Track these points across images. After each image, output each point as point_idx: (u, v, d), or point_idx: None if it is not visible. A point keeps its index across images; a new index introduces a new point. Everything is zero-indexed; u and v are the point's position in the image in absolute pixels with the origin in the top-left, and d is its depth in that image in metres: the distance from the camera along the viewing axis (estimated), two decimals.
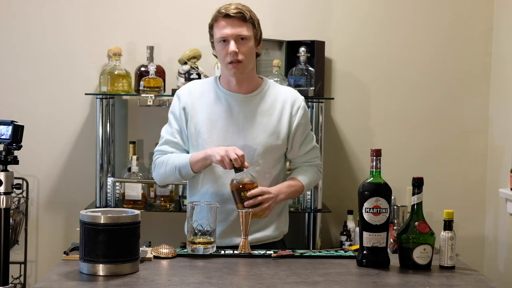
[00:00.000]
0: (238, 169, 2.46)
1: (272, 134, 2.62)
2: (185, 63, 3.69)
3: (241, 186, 2.48)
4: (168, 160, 2.63)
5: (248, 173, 2.51)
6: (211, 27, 2.64)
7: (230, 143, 2.57)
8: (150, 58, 3.67)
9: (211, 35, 2.65)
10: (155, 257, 2.35)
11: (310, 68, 3.68)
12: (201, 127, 2.62)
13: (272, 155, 2.64)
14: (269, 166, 2.64)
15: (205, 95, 2.66)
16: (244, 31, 2.57)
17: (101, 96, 3.65)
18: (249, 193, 2.48)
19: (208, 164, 2.56)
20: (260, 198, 2.49)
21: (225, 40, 2.57)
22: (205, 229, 2.37)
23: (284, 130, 2.63)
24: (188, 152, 2.67)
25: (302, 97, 2.73)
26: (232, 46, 2.54)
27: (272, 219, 2.66)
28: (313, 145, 2.73)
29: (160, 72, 3.69)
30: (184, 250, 2.41)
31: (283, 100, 2.66)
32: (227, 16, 2.56)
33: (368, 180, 2.29)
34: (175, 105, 2.69)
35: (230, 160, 2.45)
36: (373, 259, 2.27)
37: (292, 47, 3.79)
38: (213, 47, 2.66)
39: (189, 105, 2.65)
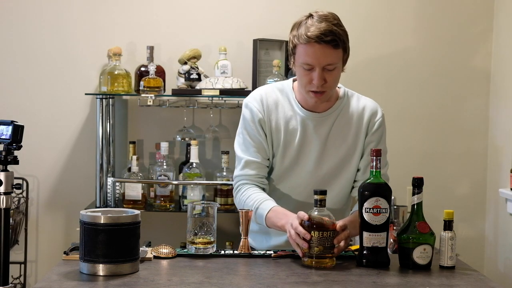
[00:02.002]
0: (319, 204, 2.22)
1: (345, 157, 2.47)
2: (185, 63, 3.69)
3: (314, 226, 2.21)
4: (247, 199, 2.42)
5: (327, 210, 2.24)
6: (294, 44, 2.31)
7: (300, 164, 2.44)
8: (150, 58, 3.68)
9: (293, 52, 2.33)
10: (155, 257, 2.34)
11: None
12: (276, 147, 2.44)
13: (343, 179, 2.49)
14: (337, 190, 2.50)
15: (280, 107, 2.43)
16: (334, 59, 2.30)
17: (101, 96, 3.65)
18: (341, 243, 2.23)
19: (281, 230, 2.35)
20: (343, 245, 2.24)
21: (309, 68, 2.30)
22: (205, 229, 2.37)
23: (358, 151, 2.48)
24: (269, 167, 2.47)
25: (382, 112, 2.49)
26: (319, 77, 2.28)
27: None
28: (384, 167, 2.48)
29: (160, 72, 3.69)
30: (184, 250, 2.41)
31: (359, 115, 2.45)
32: (317, 42, 2.25)
33: (368, 180, 2.29)
34: (248, 118, 2.43)
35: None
36: (373, 259, 2.27)
37: None
38: (291, 61, 2.37)
39: (266, 117, 2.41)
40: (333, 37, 2.26)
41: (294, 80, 2.50)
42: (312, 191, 2.24)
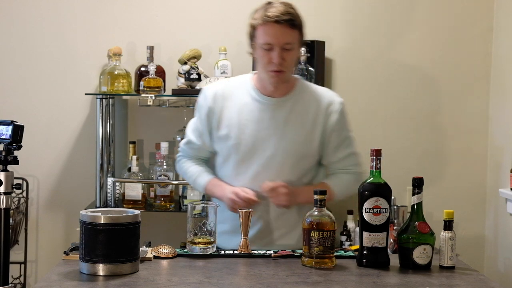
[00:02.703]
0: (319, 204, 2.25)
1: (304, 142, 2.51)
2: (185, 63, 3.69)
3: (314, 226, 2.23)
4: (187, 169, 2.65)
5: (327, 211, 2.27)
6: (254, 27, 2.44)
7: (258, 149, 2.50)
8: (150, 58, 3.67)
9: (252, 35, 2.46)
10: (155, 257, 2.35)
11: (310, 68, 3.68)
12: (230, 131, 2.52)
13: (303, 164, 2.54)
14: (300, 175, 2.54)
15: (235, 97, 2.53)
16: (292, 39, 2.41)
17: (101, 96, 3.65)
18: (264, 185, 2.44)
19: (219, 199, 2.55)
20: (273, 192, 2.44)
21: (269, 47, 2.41)
22: (205, 229, 2.37)
23: (317, 137, 2.52)
24: (211, 151, 2.62)
25: (341, 99, 2.58)
26: (278, 56, 2.40)
27: (292, 227, 2.57)
28: (350, 151, 2.59)
29: (160, 72, 3.69)
30: (184, 250, 2.41)
31: (318, 101, 2.53)
32: (276, 22, 2.38)
33: (368, 180, 2.29)
34: (202, 104, 2.58)
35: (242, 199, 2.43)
36: (373, 259, 2.27)
37: None
38: (252, 46, 2.49)
39: (218, 107, 2.53)
40: (290, 17, 2.40)
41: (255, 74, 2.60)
42: (275, 176, 2.44)
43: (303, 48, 3.66)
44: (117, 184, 3.63)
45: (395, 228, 3.43)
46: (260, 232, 2.56)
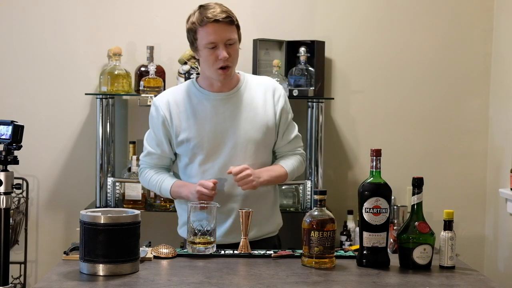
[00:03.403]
0: (319, 204, 2.26)
1: (260, 127, 2.62)
2: (185, 63, 3.69)
3: (314, 226, 2.23)
4: (151, 178, 2.69)
5: (327, 210, 2.28)
6: (194, 31, 2.57)
7: (220, 143, 2.59)
8: (150, 58, 3.68)
9: (194, 39, 2.59)
10: (155, 257, 2.35)
11: (310, 68, 3.68)
12: (189, 134, 2.61)
13: (264, 148, 2.65)
14: (263, 159, 2.65)
15: (186, 101, 2.63)
16: (232, 35, 2.55)
17: (101, 96, 3.65)
18: (232, 168, 2.51)
19: (188, 199, 2.58)
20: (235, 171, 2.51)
21: (213, 46, 2.53)
22: (205, 229, 2.37)
23: (271, 121, 2.64)
24: (172, 158, 2.71)
25: (281, 86, 2.74)
26: (224, 52, 2.52)
27: (267, 214, 2.68)
28: (295, 134, 2.73)
29: (160, 72, 3.69)
30: (184, 250, 2.41)
31: (264, 90, 2.67)
32: (216, 21, 2.51)
33: (368, 180, 2.29)
34: (153, 116, 2.66)
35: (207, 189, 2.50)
36: (373, 259, 2.27)
37: (292, 47, 3.79)
38: (194, 50, 2.62)
39: (169, 117, 2.62)
40: (227, 15, 2.53)
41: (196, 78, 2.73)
42: (244, 163, 2.54)
43: (302, 48, 3.68)
44: (117, 184, 3.64)
45: (395, 228, 3.43)
46: (236, 222, 2.58)
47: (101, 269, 2.10)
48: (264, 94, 2.66)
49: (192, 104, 2.63)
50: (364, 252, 2.28)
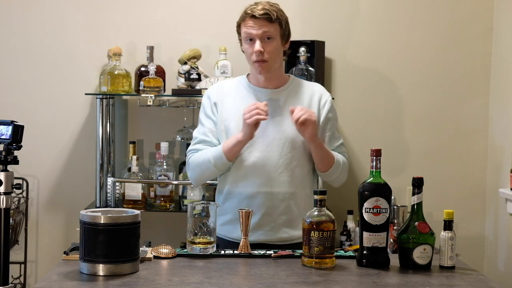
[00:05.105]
0: (319, 204, 2.27)
1: None
2: (185, 63, 3.69)
3: (314, 226, 2.24)
4: (200, 155, 2.67)
5: (327, 210, 2.28)
6: (238, 25, 2.70)
7: (258, 137, 2.61)
8: (150, 58, 3.67)
9: (238, 33, 2.71)
10: (155, 257, 2.35)
11: (310, 68, 3.68)
12: (230, 122, 2.66)
13: (301, 149, 2.65)
14: (299, 158, 2.66)
15: (234, 91, 2.73)
16: (270, 31, 2.62)
17: (101, 96, 3.65)
18: (293, 109, 2.53)
19: (241, 145, 2.59)
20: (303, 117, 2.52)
21: (251, 39, 2.63)
22: (205, 229, 2.37)
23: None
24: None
25: (329, 94, 2.79)
26: (258, 45, 2.60)
27: (298, 217, 2.60)
28: (340, 141, 2.77)
29: (160, 72, 3.69)
30: (184, 250, 2.41)
31: (310, 93, 2.72)
32: (253, 16, 2.62)
33: (368, 180, 2.29)
34: (205, 104, 2.74)
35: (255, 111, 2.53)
36: (373, 259, 2.27)
37: (292, 47, 3.77)
38: (241, 44, 2.72)
39: (219, 102, 2.71)
40: (266, 12, 2.61)
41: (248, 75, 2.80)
42: (275, 162, 2.58)
43: (302, 48, 3.67)
44: (117, 184, 3.64)
45: (395, 228, 3.44)
46: (263, 217, 2.61)
47: (101, 269, 2.10)
48: (310, 97, 2.71)
49: (238, 96, 2.71)
50: (364, 252, 2.28)
